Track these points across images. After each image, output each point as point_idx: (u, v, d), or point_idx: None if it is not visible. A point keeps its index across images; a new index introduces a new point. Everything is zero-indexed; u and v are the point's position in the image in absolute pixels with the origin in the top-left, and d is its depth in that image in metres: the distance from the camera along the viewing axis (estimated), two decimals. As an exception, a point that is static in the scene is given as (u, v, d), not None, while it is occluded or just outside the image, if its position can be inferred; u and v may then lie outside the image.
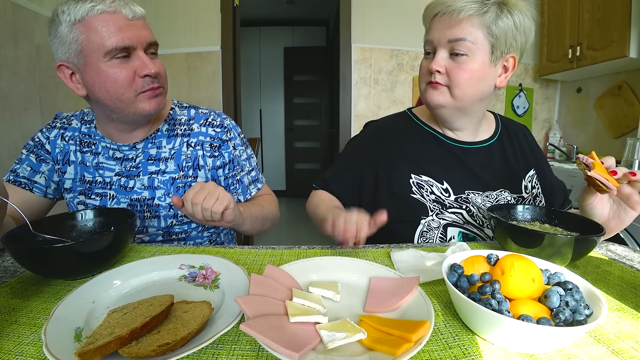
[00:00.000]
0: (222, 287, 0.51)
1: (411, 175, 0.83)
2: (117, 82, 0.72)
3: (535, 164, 0.90)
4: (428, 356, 0.37)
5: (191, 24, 2.52)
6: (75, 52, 0.70)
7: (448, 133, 0.87)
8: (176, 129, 0.88)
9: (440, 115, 0.83)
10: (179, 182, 0.85)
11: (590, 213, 0.67)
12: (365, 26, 2.59)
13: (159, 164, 0.85)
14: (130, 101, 0.74)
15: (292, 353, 0.33)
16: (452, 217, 0.80)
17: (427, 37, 0.79)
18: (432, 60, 0.77)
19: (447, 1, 0.74)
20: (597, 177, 0.59)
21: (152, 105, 0.77)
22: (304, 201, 0.93)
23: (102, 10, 0.69)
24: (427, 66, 0.78)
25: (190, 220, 0.86)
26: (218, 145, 0.89)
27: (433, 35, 0.77)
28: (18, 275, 0.56)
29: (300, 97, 5.02)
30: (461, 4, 0.72)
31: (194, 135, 0.87)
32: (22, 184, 0.81)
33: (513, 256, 0.45)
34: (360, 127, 1.00)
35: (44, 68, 1.88)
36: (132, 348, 0.35)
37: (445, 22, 0.75)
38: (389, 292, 0.47)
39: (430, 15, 0.78)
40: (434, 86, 0.78)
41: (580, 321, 0.37)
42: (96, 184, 0.83)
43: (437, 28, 0.76)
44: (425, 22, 0.81)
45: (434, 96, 0.78)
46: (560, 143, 2.71)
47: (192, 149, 0.87)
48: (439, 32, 0.75)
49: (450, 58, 0.75)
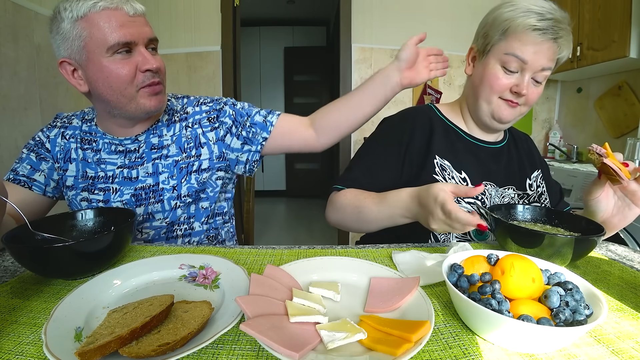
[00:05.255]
0: (222, 287, 0.51)
1: (436, 156, 0.83)
2: (120, 77, 0.73)
3: (540, 166, 0.94)
4: (428, 356, 0.37)
5: (191, 24, 2.52)
6: (78, 49, 0.71)
7: (467, 129, 0.90)
8: (174, 117, 0.89)
9: (497, 128, 0.85)
10: (182, 163, 0.86)
11: (594, 208, 0.67)
12: (365, 26, 2.59)
13: (162, 150, 0.86)
14: (131, 96, 0.75)
15: (292, 353, 0.33)
16: (469, 207, 0.80)
17: (517, 54, 0.73)
18: (514, 79, 0.76)
19: (552, 25, 0.70)
20: (612, 166, 0.59)
21: (153, 102, 0.78)
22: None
23: (104, 6, 0.70)
24: (507, 83, 0.76)
25: (192, 200, 0.87)
26: (215, 116, 0.90)
27: (529, 57, 0.73)
28: (18, 275, 0.56)
29: (300, 97, 5.02)
30: (563, 32, 0.71)
31: (190, 116, 0.89)
32: (22, 182, 0.82)
33: (513, 256, 0.45)
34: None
35: (44, 68, 1.88)
36: (132, 348, 0.35)
37: (546, 48, 0.72)
38: (389, 292, 0.47)
39: (524, 26, 0.72)
40: (512, 105, 0.78)
41: (580, 321, 0.37)
42: (99, 179, 0.84)
43: (536, 52, 0.72)
44: (508, 28, 0.74)
45: (510, 115, 0.79)
46: (560, 143, 2.71)
47: (190, 129, 0.88)
48: (538, 58, 0.73)
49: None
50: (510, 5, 0.75)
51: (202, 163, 0.88)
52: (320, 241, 3.42)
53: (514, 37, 0.74)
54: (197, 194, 0.88)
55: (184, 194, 0.86)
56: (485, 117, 0.83)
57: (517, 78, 0.76)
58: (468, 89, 0.88)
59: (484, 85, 0.79)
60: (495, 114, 0.80)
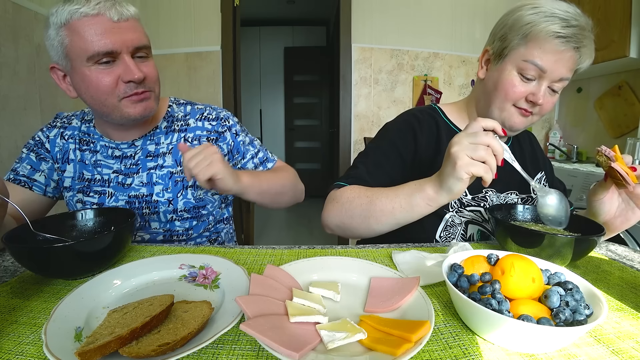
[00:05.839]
0: (222, 287, 0.51)
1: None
2: (99, 88, 0.70)
3: (544, 167, 0.92)
4: (428, 356, 0.37)
5: (191, 24, 2.52)
6: (62, 55, 0.70)
7: None
8: (173, 125, 0.88)
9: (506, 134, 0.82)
10: (176, 176, 0.85)
11: (598, 208, 0.67)
12: (365, 26, 2.59)
13: (157, 159, 0.85)
14: (114, 106, 0.73)
15: (292, 353, 0.33)
16: (471, 214, 0.80)
17: (536, 62, 0.69)
18: (531, 87, 0.72)
19: (577, 33, 0.66)
20: (619, 170, 0.59)
21: (138, 109, 0.75)
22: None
23: (85, 13, 0.66)
24: (523, 91, 0.72)
25: (191, 217, 0.86)
26: (215, 138, 0.88)
27: (549, 66, 0.68)
28: (18, 274, 0.56)
29: (300, 97, 5.02)
30: (586, 41, 0.67)
31: (190, 130, 0.87)
32: (22, 182, 0.81)
33: (513, 256, 0.45)
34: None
35: (44, 68, 1.88)
36: (132, 348, 0.35)
37: (568, 57, 0.68)
38: (389, 292, 0.47)
39: (546, 32, 0.67)
40: (525, 114, 0.74)
41: (581, 321, 0.38)
42: (95, 181, 0.83)
43: (557, 61, 0.68)
44: (529, 33, 0.69)
45: (522, 124, 0.76)
46: (560, 143, 2.71)
47: (189, 143, 0.86)
48: (558, 67, 0.68)
49: None
50: (532, 8, 0.69)
51: None
52: (320, 241, 3.42)
53: (535, 44, 0.69)
54: (197, 210, 0.87)
55: (181, 209, 0.85)
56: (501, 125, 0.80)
57: (534, 86, 0.72)
58: (479, 93, 0.83)
59: (498, 91, 0.75)
60: (507, 122, 0.76)
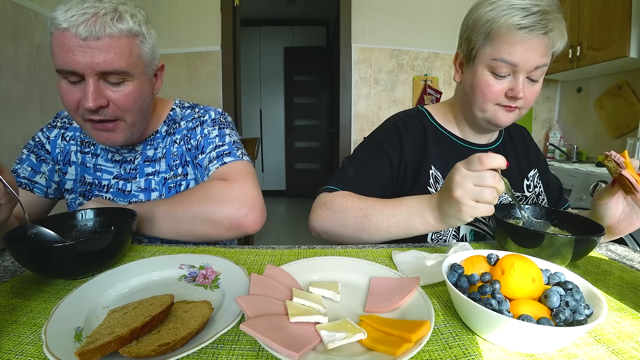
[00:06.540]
0: (222, 287, 0.51)
1: (431, 166, 0.80)
2: (65, 104, 0.69)
3: (537, 164, 0.91)
4: (428, 356, 0.37)
5: (191, 24, 2.52)
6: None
7: (460, 134, 0.86)
8: (171, 128, 0.87)
9: (496, 129, 0.82)
10: (170, 182, 0.84)
11: (602, 212, 0.66)
12: (365, 26, 2.59)
13: (155, 164, 0.84)
14: (82, 124, 0.71)
15: (292, 353, 0.33)
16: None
17: (505, 59, 0.68)
18: (507, 83, 0.70)
19: (540, 20, 0.64)
20: (629, 178, 0.58)
21: (100, 138, 0.72)
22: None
23: (57, 25, 0.63)
24: (501, 89, 0.71)
25: None
26: (190, 135, 0.85)
27: (519, 59, 0.67)
28: (18, 274, 0.56)
29: (300, 97, 5.03)
30: (553, 23, 0.65)
31: (178, 131, 0.86)
32: (23, 184, 0.81)
33: (513, 256, 0.45)
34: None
35: (44, 68, 1.89)
36: (132, 348, 0.35)
37: (536, 44, 0.66)
38: (389, 292, 0.47)
39: (508, 26, 0.66)
40: (510, 110, 0.73)
41: (581, 321, 0.37)
42: (95, 185, 0.83)
43: (526, 51, 0.66)
44: (491, 30, 0.68)
45: (509, 119, 0.74)
46: (560, 143, 2.71)
47: (177, 146, 0.85)
48: (529, 57, 0.66)
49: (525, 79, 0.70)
50: (490, 4, 0.68)
51: (190, 183, 0.84)
52: (320, 241, 3.41)
53: (499, 40, 0.68)
54: None
55: None
56: (482, 123, 0.79)
57: (510, 81, 0.70)
58: (460, 95, 0.82)
59: (476, 94, 0.74)
60: (493, 120, 0.76)
